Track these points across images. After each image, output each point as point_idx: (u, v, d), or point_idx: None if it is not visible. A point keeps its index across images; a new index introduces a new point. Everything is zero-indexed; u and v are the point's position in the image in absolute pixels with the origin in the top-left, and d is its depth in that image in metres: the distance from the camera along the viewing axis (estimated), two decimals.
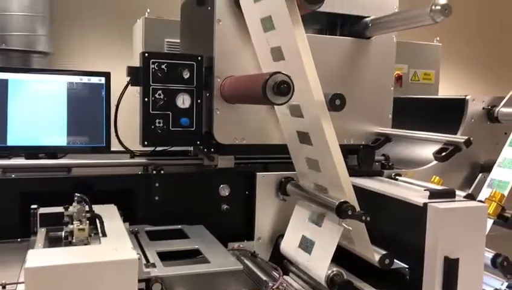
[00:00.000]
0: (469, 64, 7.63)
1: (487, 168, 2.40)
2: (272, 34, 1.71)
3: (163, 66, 1.92)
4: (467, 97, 2.47)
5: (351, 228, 1.64)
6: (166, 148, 2.10)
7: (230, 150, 2.03)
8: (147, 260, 1.47)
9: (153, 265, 1.41)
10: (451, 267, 1.61)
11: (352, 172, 2.20)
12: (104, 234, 1.42)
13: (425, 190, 1.76)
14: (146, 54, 1.91)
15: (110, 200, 1.83)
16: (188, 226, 1.89)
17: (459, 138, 1.79)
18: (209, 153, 2.04)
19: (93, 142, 2.01)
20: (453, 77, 7.03)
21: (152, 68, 1.91)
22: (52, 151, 1.99)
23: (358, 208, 1.68)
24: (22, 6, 3.64)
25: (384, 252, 1.72)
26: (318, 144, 1.71)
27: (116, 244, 1.32)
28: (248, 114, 2.00)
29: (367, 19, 2.13)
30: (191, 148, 2.27)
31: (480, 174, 2.45)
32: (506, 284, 1.82)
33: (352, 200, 1.67)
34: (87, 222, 1.45)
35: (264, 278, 1.67)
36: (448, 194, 1.76)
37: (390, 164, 2.37)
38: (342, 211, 1.62)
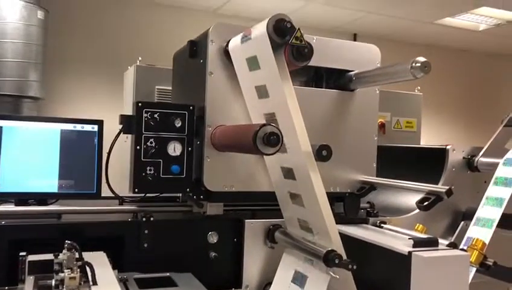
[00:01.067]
0: (450, 113, 7.89)
1: (469, 216, 2.47)
2: (256, 73, 1.79)
3: (155, 115, 1.99)
4: (448, 147, 2.57)
5: (338, 277, 1.67)
6: (155, 194, 2.13)
7: (220, 197, 2.07)
8: None
9: None
10: None
11: (339, 219, 2.25)
12: (95, 283, 1.43)
13: (409, 239, 1.81)
14: (139, 104, 1.98)
15: (99, 247, 1.84)
16: (176, 273, 1.90)
17: (440, 187, 1.87)
18: (199, 200, 2.07)
19: (84, 189, 2.03)
20: (434, 125, 7.25)
21: (145, 117, 1.97)
22: (42, 198, 2.01)
23: (345, 256, 1.72)
24: (15, 53, 3.72)
25: None
26: (306, 193, 1.76)
27: None
28: (237, 162, 2.05)
29: (351, 72, 2.24)
30: (180, 195, 2.31)
31: (462, 222, 2.52)
32: None
33: (339, 248, 1.72)
34: (78, 270, 1.46)
35: None
36: (432, 243, 1.81)
37: (375, 211, 2.43)
38: (329, 259, 1.66)
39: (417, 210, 2.47)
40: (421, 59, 1.81)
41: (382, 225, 2.31)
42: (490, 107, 7.74)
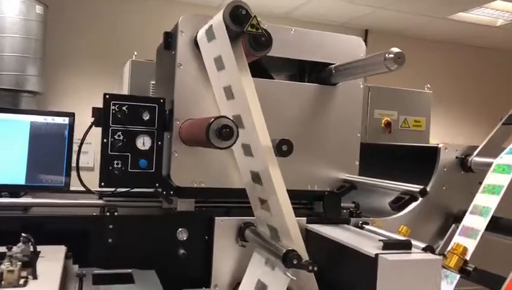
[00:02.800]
0: (461, 111, 7.62)
1: (460, 218, 2.34)
2: (222, 73, 1.73)
3: (124, 108, 1.94)
4: (439, 145, 2.44)
5: (294, 278, 1.59)
6: (127, 189, 2.08)
7: (190, 193, 2.01)
8: None
9: None
10: None
11: (318, 219, 2.18)
12: (35, 277, 1.39)
13: (379, 240, 1.70)
14: (107, 96, 1.93)
15: (63, 241, 1.81)
16: (138, 270, 1.85)
17: (414, 187, 1.75)
18: (168, 196, 2.02)
19: (53, 182, 2.01)
20: (444, 124, 7.01)
21: (112, 109, 1.93)
22: (10, 190, 1.99)
23: (306, 257, 1.63)
24: (14, 48, 3.76)
25: None
26: (267, 187, 1.69)
27: (41, 289, 1.30)
28: (207, 157, 1.99)
29: (331, 66, 2.15)
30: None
31: (454, 225, 2.38)
32: None
33: (301, 248, 1.63)
34: (19, 263, 1.42)
35: None
36: (404, 245, 1.71)
37: (358, 211, 2.33)
38: (287, 259, 1.58)
39: (405, 211, 2.37)
40: (395, 50, 1.71)
41: (364, 225, 2.21)
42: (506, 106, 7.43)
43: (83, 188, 2.09)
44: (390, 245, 1.68)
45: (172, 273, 1.98)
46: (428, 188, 2.37)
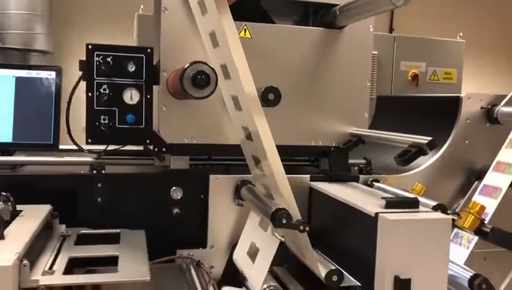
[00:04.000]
0: (497, 62, 7.07)
1: (484, 175, 2.12)
2: (206, 17, 1.56)
3: (108, 59, 1.80)
4: (462, 95, 2.20)
5: (282, 239, 1.45)
6: (118, 147, 1.97)
7: (182, 150, 1.88)
8: (51, 267, 1.34)
9: (51, 273, 1.29)
10: (402, 288, 1.39)
11: (323, 177, 2.02)
12: (2, 237, 1.31)
13: (382, 198, 1.54)
14: (90, 46, 1.80)
15: (51, 201, 1.73)
16: (128, 231, 1.75)
17: (423, 139, 1.55)
18: (160, 153, 1.90)
19: (41, 139, 1.92)
20: (479, 75, 6.55)
21: (96, 61, 1.80)
22: None
23: (298, 216, 1.49)
24: (19, 4, 3.66)
25: (333, 267, 1.52)
26: (256, 142, 1.53)
27: (4, 248, 1.22)
28: (199, 111, 1.84)
29: (336, 7, 1.93)
30: None
31: (476, 182, 2.16)
32: None
33: (292, 207, 1.48)
34: None
35: None
36: (409, 204, 1.53)
37: (368, 168, 2.15)
38: (276, 218, 1.44)
39: (421, 167, 2.18)
40: None
41: (374, 183, 2.03)
42: None
43: (75, 147, 1.99)
44: (393, 204, 1.51)
45: (167, 233, 1.89)
46: (448, 142, 2.19)
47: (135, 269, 1.35)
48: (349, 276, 1.60)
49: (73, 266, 1.40)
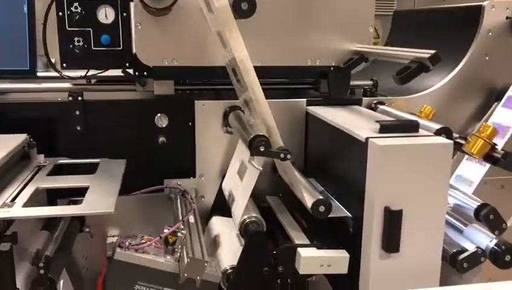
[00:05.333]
0: None
1: (504, 95, 1.90)
2: None
3: None
4: (484, 4, 1.92)
5: (260, 169, 1.32)
6: (101, 72, 1.83)
7: (164, 73, 1.73)
8: (14, 199, 1.27)
9: (10, 205, 1.21)
10: (392, 220, 1.25)
11: (322, 100, 1.85)
12: None
13: (376, 122, 1.36)
14: None
15: (29, 130, 1.65)
16: (108, 160, 1.66)
17: (424, 52, 1.34)
18: (141, 78, 1.75)
19: (15, 65, 1.79)
20: None
21: None
22: None
23: (280, 143, 1.35)
24: None
25: (320, 197, 1.39)
26: (232, 57, 1.36)
27: None
28: (179, 29, 1.66)
29: None
30: None
31: (496, 103, 1.94)
32: (495, 241, 1.42)
33: (273, 133, 1.34)
34: None
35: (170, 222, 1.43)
36: (407, 128, 1.36)
37: (373, 90, 1.95)
38: (253, 147, 1.30)
39: (434, 88, 1.97)
40: None
41: (378, 106, 1.85)
42: None
43: (56, 74, 1.87)
44: (388, 127, 1.34)
45: (153, 163, 1.79)
46: (465, 58, 1.96)
47: (100, 201, 1.26)
48: (340, 206, 1.47)
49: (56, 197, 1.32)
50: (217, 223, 1.69)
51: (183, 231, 1.36)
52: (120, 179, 1.46)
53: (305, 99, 1.82)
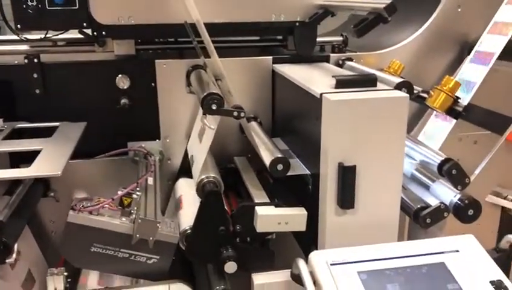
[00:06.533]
0: None
1: None
2: None
3: None
4: None
5: (212, 127, 1.29)
6: (60, 33, 1.78)
7: (122, 32, 1.67)
8: None
9: None
10: (345, 176, 1.23)
11: (289, 58, 1.81)
12: None
13: (333, 77, 1.33)
14: None
15: None
16: (68, 123, 1.63)
17: (380, 3, 1.29)
18: (99, 38, 1.70)
19: None
20: None
21: None
22: None
23: (235, 102, 1.32)
24: None
25: (278, 155, 1.37)
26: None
27: None
28: None
29: None
30: None
31: (468, 57, 1.89)
32: (458, 196, 1.41)
33: (229, 91, 1.30)
34: None
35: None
36: (364, 82, 1.32)
37: (341, 46, 1.90)
38: (205, 105, 1.27)
39: (404, 42, 1.92)
40: None
41: (346, 62, 1.81)
42: None
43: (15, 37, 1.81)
44: (345, 83, 1.31)
45: (116, 125, 1.76)
46: (437, 11, 1.90)
47: (49, 164, 1.23)
48: (300, 165, 1.45)
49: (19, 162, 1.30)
50: (182, 185, 1.68)
51: (138, 193, 1.34)
52: (75, 142, 1.44)
53: (271, 57, 1.77)
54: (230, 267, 1.28)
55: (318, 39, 1.84)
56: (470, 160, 1.77)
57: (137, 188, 1.37)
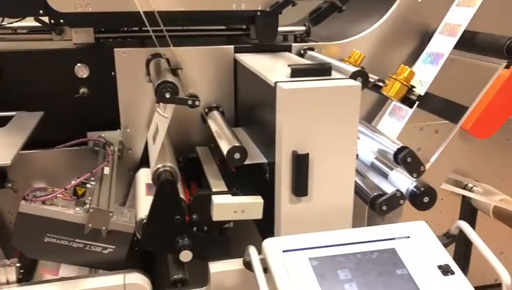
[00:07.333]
0: None
1: None
2: None
3: None
4: None
5: (165, 116, 1.28)
6: (16, 20, 1.74)
7: (79, 20, 1.65)
8: None
9: None
10: (299, 164, 1.25)
11: (250, 47, 1.80)
12: None
13: (289, 66, 1.33)
14: None
15: None
16: (24, 113, 1.60)
17: None
18: (56, 26, 1.67)
19: None
20: None
21: None
22: None
23: (190, 90, 1.31)
24: None
25: (235, 144, 1.37)
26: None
27: None
28: None
29: None
30: None
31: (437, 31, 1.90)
32: (414, 184, 1.43)
33: (185, 80, 1.30)
34: None
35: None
36: (319, 71, 1.33)
37: (303, 36, 1.90)
38: (158, 93, 1.26)
39: (365, 32, 1.93)
40: None
41: (308, 51, 1.81)
42: None
43: None
44: (300, 71, 1.31)
45: (75, 115, 1.74)
46: (397, 1, 1.91)
47: None
48: (258, 153, 1.46)
49: None
50: (142, 175, 1.67)
51: (92, 183, 1.33)
52: (29, 132, 1.41)
53: (232, 46, 1.77)
54: (186, 256, 1.28)
55: (281, 29, 1.85)
56: (431, 149, 1.79)
57: (92, 178, 1.36)
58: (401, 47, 1.96)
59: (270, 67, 1.48)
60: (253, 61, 1.59)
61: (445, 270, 1.15)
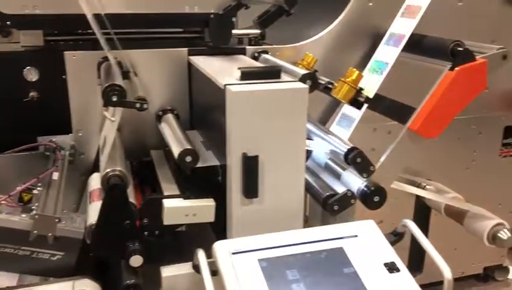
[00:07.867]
0: None
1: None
2: None
3: None
4: None
5: (113, 119, 1.27)
6: None
7: (27, 22, 1.61)
8: None
9: None
10: (249, 166, 1.25)
11: (205, 50, 1.81)
12: None
13: (238, 69, 1.34)
14: None
15: None
16: None
17: None
18: (3, 28, 1.62)
19: None
20: None
21: None
22: None
23: (139, 93, 1.30)
24: None
25: (187, 147, 1.37)
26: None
27: None
28: None
29: None
30: None
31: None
32: (365, 183, 1.46)
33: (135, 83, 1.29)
34: None
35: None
36: (269, 74, 1.35)
37: (258, 39, 1.92)
38: (105, 95, 1.24)
39: (318, 36, 1.96)
40: None
41: (261, 54, 1.83)
42: None
43: None
44: (250, 74, 1.32)
45: (25, 119, 1.69)
46: (349, 5, 1.95)
47: None
48: (211, 156, 1.46)
49: None
50: (95, 180, 1.64)
51: (39, 188, 1.30)
52: None
53: (186, 49, 1.77)
54: (136, 261, 1.27)
55: (235, 32, 1.85)
56: (384, 149, 1.84)
57: (39, 184, 1.33)
58: (353, 50, 2.00)
59: (222, 70, 1.48)
60: (206, 64, 1.59)
61: (391, 267, 1.18)
